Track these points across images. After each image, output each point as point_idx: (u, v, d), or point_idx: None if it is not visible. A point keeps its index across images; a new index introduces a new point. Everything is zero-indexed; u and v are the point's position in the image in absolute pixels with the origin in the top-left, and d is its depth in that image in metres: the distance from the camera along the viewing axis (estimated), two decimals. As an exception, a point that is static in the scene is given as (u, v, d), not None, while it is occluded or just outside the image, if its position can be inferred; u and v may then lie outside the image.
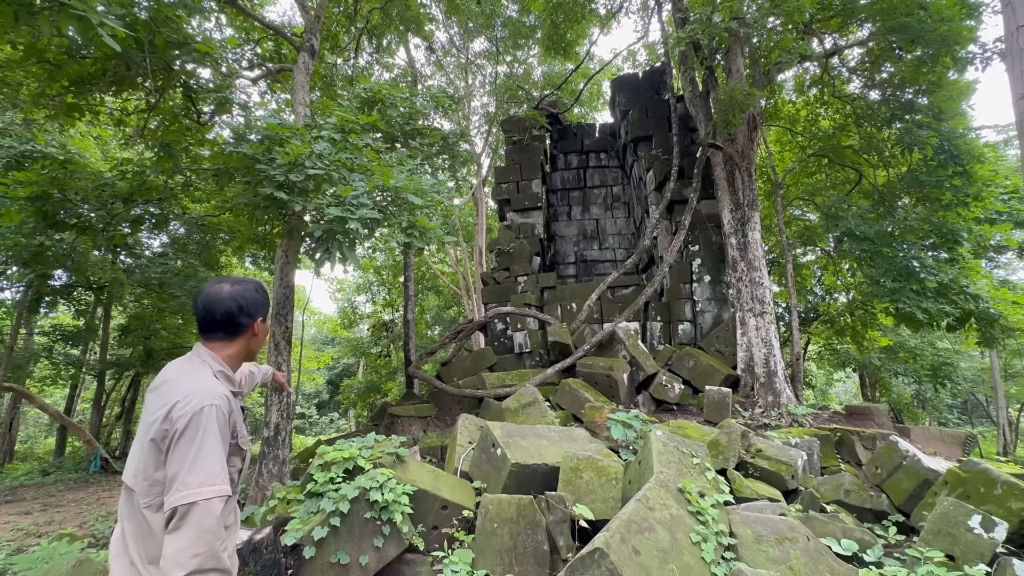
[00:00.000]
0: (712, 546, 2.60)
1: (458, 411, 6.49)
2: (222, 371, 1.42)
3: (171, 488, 1.18)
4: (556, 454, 3.63)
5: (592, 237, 11.28)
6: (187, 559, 1.11)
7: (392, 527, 2.96)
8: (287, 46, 9.01)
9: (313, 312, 27.18)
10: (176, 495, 1.16)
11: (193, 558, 1.12)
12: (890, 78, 7.92)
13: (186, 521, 1.14)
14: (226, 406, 1.32)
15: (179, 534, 1.14)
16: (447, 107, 8.22)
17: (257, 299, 1.49)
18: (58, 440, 14.35)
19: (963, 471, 3.61)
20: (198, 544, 1.13)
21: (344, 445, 3.44)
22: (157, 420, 1.24)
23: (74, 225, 6.39)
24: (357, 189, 4.04)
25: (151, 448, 1.24)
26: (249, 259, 13.78)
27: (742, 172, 7.38)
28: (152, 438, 1.24)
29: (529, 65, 17.26)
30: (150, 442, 1.24)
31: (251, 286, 1.51)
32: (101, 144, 11.44)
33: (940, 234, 7.30)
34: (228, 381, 1.43)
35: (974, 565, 2.28)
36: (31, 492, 9.48)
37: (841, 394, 25.57)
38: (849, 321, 10.96)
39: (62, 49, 4.56)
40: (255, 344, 1.53)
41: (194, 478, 1.18)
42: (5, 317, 12.70)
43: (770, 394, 6.38)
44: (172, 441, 1.21)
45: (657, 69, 10.89)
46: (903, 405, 14.75)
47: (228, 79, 5.80)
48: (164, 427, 1.23)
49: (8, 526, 6.27)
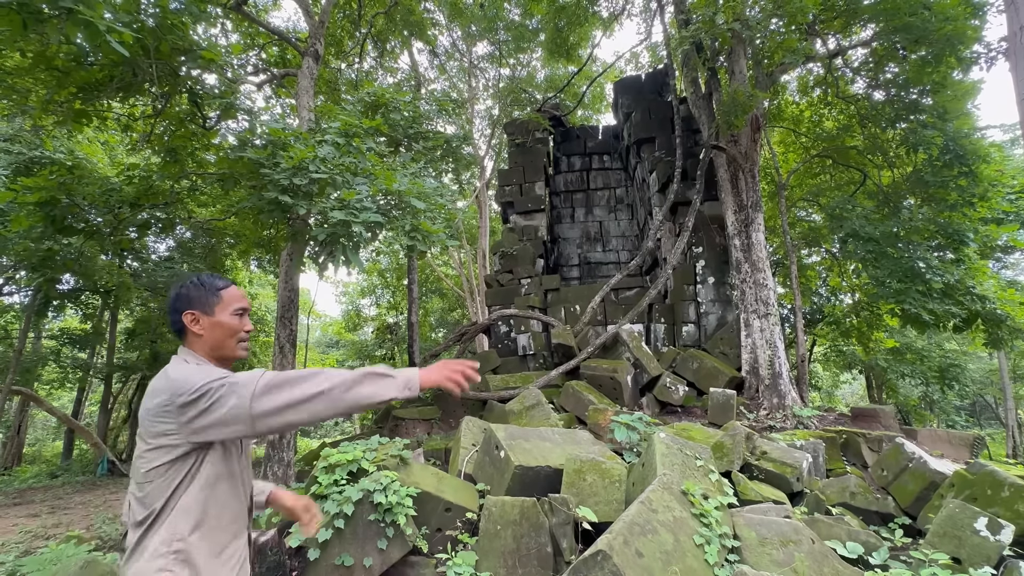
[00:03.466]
0: (715, 548, 2.59)
1: (462, 413, 6.50)
2: (199, 365, 1.37)
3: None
4: (559, 456, 3.63)
5: (595, 239, 11.28)
6: None
7: (396, 529, 2.97)
8: (291, 51, 9.09)
9: (318, 315, 27.31)
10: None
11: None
12: (894, 78, 7.90)
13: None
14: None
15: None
16: (450, 111, 8.26)
17: (187, 293, 1.42)
18: (66, 443, 14.45)
19: (970, 473, 3.58)
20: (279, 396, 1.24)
21: (348, 447, 3.46)
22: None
23: (82, 230, 6.44)
24: (360, 193, 4.07)
25: None
26: (254, 262, 13.86)
27: (745, 173, 7.37)
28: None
29: (532, 68, 17.32)
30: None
31: (189, 280, 1.46)
32: (108, 149, 11.56)
33: (946, 234, 7.26)
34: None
35: (980, 568, 2.27)
36: (39, 494, 9.55)
37: (848, 396, 25.39)
38: (855, 322, 10.90)
39: (70, 56, 4.62)
40: (204, 339, 1.40)
41: (240, 381, 1.24)
42: (14, 321, 12.82)
43: (775, 396, 6.35)
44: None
45: (660, 71, 10.90)
46: (910, 407, 14.63)
47: (233, 84, 5.85)
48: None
49: (16, 528, 6.32)
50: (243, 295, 1.50)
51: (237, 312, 1.45)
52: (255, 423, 1.20)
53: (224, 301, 1.44)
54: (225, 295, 1.44)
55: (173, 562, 1.20)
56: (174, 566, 1.20)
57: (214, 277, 1.49)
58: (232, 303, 1.45)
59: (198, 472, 1.26)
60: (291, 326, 5.87)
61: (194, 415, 1.21)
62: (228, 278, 1.55)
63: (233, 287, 1.49)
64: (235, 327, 1.44)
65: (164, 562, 1.19)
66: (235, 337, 1.44)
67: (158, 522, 1.23)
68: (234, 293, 1.47)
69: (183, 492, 1.25)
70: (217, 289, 1.44)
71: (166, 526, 1.22)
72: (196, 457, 1.26)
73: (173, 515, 1.23)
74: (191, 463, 1.25)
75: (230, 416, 1.20)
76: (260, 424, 1.21)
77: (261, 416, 1.20)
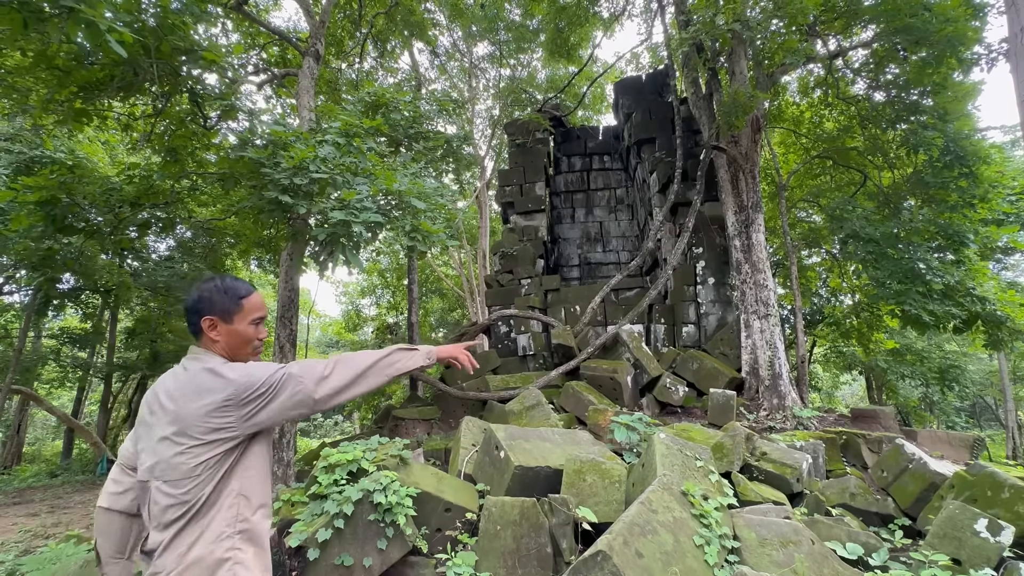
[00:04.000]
0: (715, 549, 2.59)
1: (462, 413, 6.50)
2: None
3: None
4: (559, 457, 3.63)
5: (596, 240, 11.28)
6: None
7: (396, 529, 2.97)
8: (292, 51, 9.10)
9: (318, 315, 27.32)
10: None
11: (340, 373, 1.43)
12: (895, 79, 7.90)
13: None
14: None
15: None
16: (451, 111, 8.26)
17: (209, 297, 1.43)
18: (65, 442, 14.45)
19: (970, 474, 3.58)
20: (321, 375, 1.42)
21: (348, 447, 3.46)
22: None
23: (82, 229, 6.45)
24: (361, 193, 4.07)
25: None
26: (254, 262, 13.87)
27: (746, 174, 7.37)
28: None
29: (533, 68, 17.32)
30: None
31: (213, 283, 1.46)
32: (109, 149, 11.57)
33: (946, 236, 7.26)
34: None
35: (980, 569, 2.27)
36: (39, 494, 9.55)
37: (848, 397, 25.39)
38: (855, 323, 10.91)
39: (71, 56, 4.62)
40: (220, 344, 1.43)
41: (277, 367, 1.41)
42: (14, 320, 12.82)
43: (775, 397, 6.35)
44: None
45: (660, 71, 10.90)
46: (910, 408, 14.63)
47: (234, 85, 5.85)
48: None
49: (16, 527, 6.32)
50: (262, 303, 1.53)
51: (255, 321, 1.49)
52: (316, 405, 1.36)
53: (244, 311, 1.47)
54: (246, 304, 1.48)
55: (240, 540, 1.29)
56: (242, 544, 1.29)
57: (237, 283, 1.50)
58: (252, 313, 1.48)
59: (242, 458, 1.34)
60: (291, 326, 5.87)
61: (256, 409, 1.31)
62: (249, 284, 1.55)
63: (255, 295, 1.51)
64: (251, 336, 1.48)
65: (231, 542, 1.27)
66: (250, 345, 1.49)
67: (203, 511, 1.27)
68: (254, 302, 1.50)
69: (231, 478, 1.31)
70: (239, 298, 1.47)
71: (225, 511, 1.29)
72: (244, 446, 1.34)
73: (231, 500, 1.30)
74: (238, 452, 1.33)
75: (292, 403, 1.33)
76: (320, 405, 1.37)
77: (323, 399, 1.36)
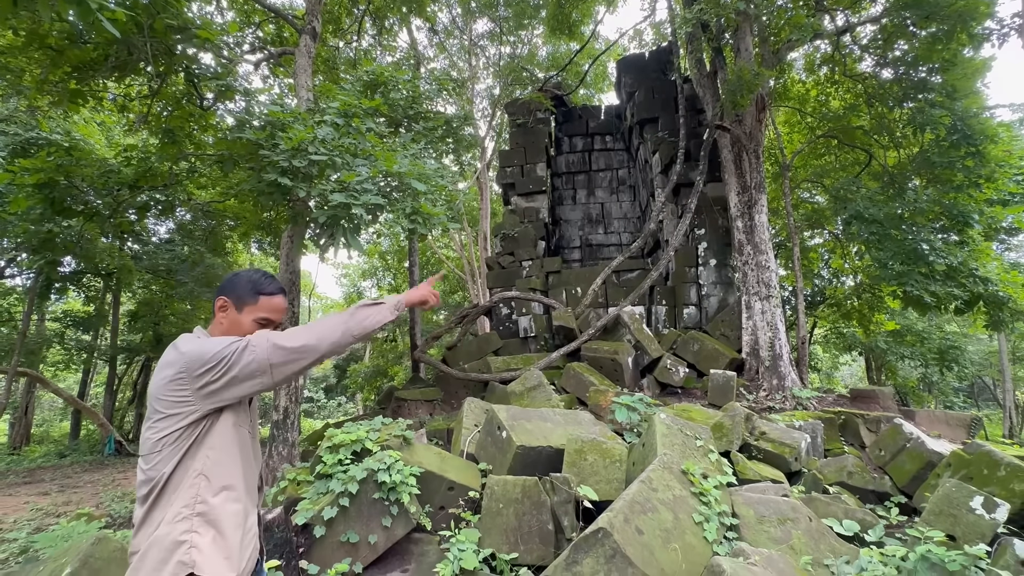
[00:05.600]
0: (714, 526, 2.64)
1: (464, 395, 6.56)
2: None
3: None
4: (561, 437, 3.67)
5: (597, 221, 11.22)
6: None
7: (400, 507, 3.02)
8: (288, 29, 8.92)
9: (319, 297, 27.37)
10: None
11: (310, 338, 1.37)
12: (903, 56, 7.74)
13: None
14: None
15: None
16: (450, 90, 8.13)
17: (235, 280, 1.49)
18: (73, 423, 14.65)
19: (967, 453, 3.62)
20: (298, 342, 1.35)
21: (352, 428, 3.50)
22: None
23: (81, 212, 6.44)
24: (361, 175, 4.03)
25: None
26: (255, 245, 13.83)
27: (749, 154, 7.29)
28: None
29: (534, 46, 17.00)
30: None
31: (249, 272, 1.53)
32: (105, 131, 11.43)
33: (950, 216, 7.20)
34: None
35: (974, 545, 2.31)
36: (48, 473, 9.71)
37: (847, 377, 25.54)
38: (856, 304, 10.90)
39: (63, 34, 4.54)
40: (223, 328, 1.47)
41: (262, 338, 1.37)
42: (16, 303, 12.87)
43: (775, 377, 6.38)
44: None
45: (664, 49, 10.70)
46: (909, 388, 14.73)
47: (230, 65, 5.75)
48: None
49: (27, 506, 6.44)
50: (279, 308, 1.51)
51: (262, 321, 1.48)
52: (275, 372, 1.30)
53: (258, 306, 1.47)
54: (263, 302, 1.48)
55: (199, 523, 1.24)
56: (200, 527, 1.24)
57: (268, 280, 1.51)
58: (263, 311, 1.48)
59: (205, 438, 1.31)
60: (293, 308, 5.88)
61: (210, 380, 1.27)
62: (280, 285, 1.55)
63: (277, 298, 1.51)
64: (249, 332, 1.45)
65: (189, 524, 1.23)
66: None
67: (167, 490, 1.26)
68: (272, 304, 1.49)
69: (192, 458, 1.28)
70: (258, 293, 1.48)
71: (184, 490, 1.26)
72: (205, 424, 1.31)
73: (191, 480, 1.27)
74: (200, 430, 1.30)
75: (248, 372, 1.28)
76: (279, 371, 1.30)
77: (280, 364, 1.30)
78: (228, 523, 1.29)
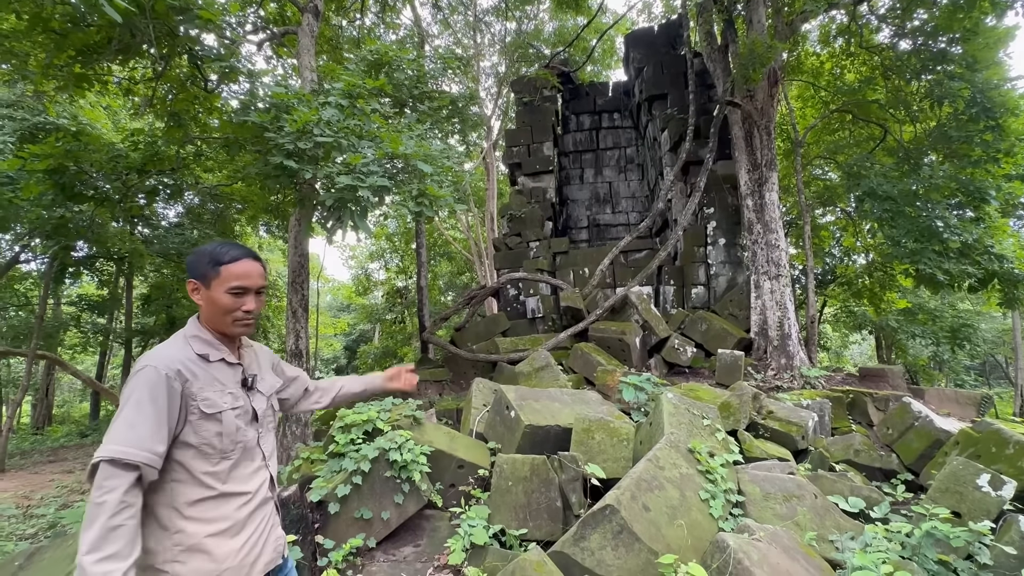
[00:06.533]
0: (720, 503, 2.68)
1: (472, 375, 6.63)
2: (195, 335, 1.39)
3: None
4: (569, 416, 3.71)
5: (605, 200, 11.11)
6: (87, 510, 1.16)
7: (411, 485, 3.09)
8: (291, 8, 8.77)
9: (327, 279, 27.53)
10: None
11: (87, 509, 1.16)
12: (922, 25, 7.49)
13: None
14: (167, 368, 1.26)
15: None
16: (456, 68, 8.01)
17: (195, 260, 1.40)
18: (92, 404, 15.04)
19: (975, 431, 3.62)
20: (91, 497, 1.17)
21: (363, 408, 3.56)
22: None
23: (91, 197, 6.48)
24: (366, 157, 4.02)
25: None
26: (263, 227, 13.90)
27: (761, 130, 7.14)
28: None
29: (540, 21, 16.63)
30: None
31: (204, 247, 1.42)
32: (111, 114, 11.44)
33: (967, 192, 7.05)
34: (204, 344, 1.38)
35: (979, 521, 2.33)
36: (71, 452, 10.02)
37: (856, 356, 25.45)
38: (867, 283, 10.78)
39: (66, 18, 4.51)
40: (203, 310, 1.40)
41: (105, 436, 1.21)
42: (33, 288, 13.10)
43: (783, 357, 6.38)
44: None
45: (673, 22, 10.41)
46: (919, 367, 14.65)
47: (232, 46, 5.70)
48: None
49: (53, 483, 6.68)
50: (248, 272, 1.39)
51: (235, 290, 1.37)
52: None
53: (222, 277, 1.36)
54: (224, 271, 1.36)
55: (180, 553, 1.31)
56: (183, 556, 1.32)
57: (224, 248, 1.40)
58: (230, 280, 1.36)
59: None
60: (303, 291, 5.94)
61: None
62: (246, 250, 1.43)
63: (241, 263, 1.39)
64: (228, 306, 1.37)
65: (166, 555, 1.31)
66: (229, 316, 1.38)
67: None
68: (236, 270, 1.37)
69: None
70: (219, 263, 1.36)
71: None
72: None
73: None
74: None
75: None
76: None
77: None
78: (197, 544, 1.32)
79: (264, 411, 1.49)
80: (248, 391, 1.45)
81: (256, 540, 1.38)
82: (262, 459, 1.46)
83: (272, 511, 1.48)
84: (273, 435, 1.56)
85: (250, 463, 1.41)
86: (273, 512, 1.49)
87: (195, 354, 1.36)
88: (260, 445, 1.46)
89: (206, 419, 1.32)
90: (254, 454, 1.43)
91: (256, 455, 1.44)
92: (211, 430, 1.32)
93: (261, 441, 1.46)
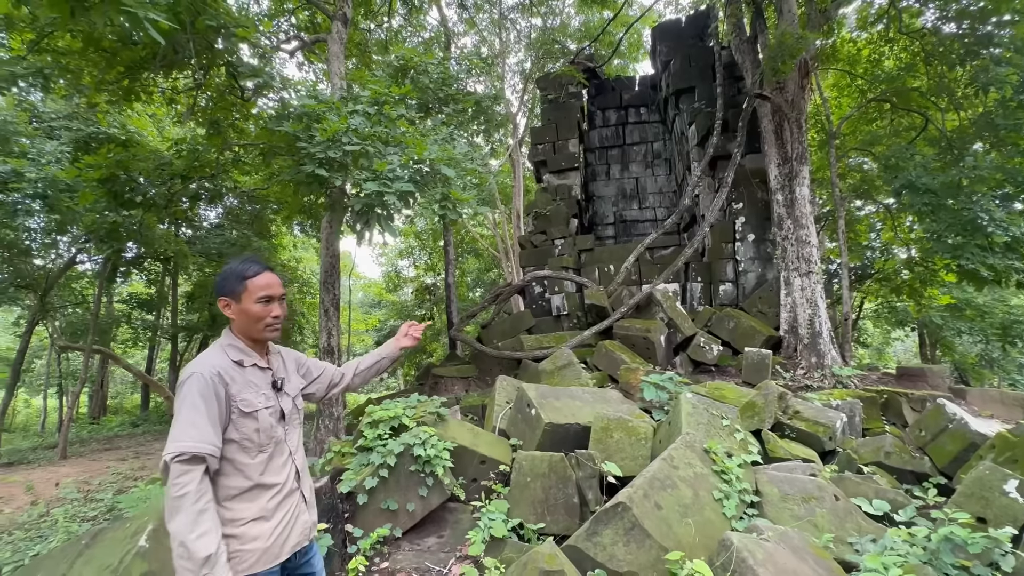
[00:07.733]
0: (734, 503, 2.70)
1: (498, 371, 6.75)
2: (230, 344, 1.58)
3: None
4: (588, 414, 3.78)
5: (631, 196, 11.03)
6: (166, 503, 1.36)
7: (435, 479, 3.23)
8: (321, 15, 9.05)
9: (359, 277, 28.25)
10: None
11: (167, 502, 1.35)
12: (967, 7, 7.12)
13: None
14: (211, 374, 1.45)
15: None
16: (480, 69, 8.10)
17: (222, 279, 1.57)
18: (143, 396, 15.96)
19: (1013, 435, 3.50)
20: (169, 492, 1.35)
21: (390, 405, 3.72)
22: None
23: (140, 203, 6.91)
24: (392, 163, 4.16)
25: None
26: (297, 227, 14.39)
27: (791, 123, 6.96)
28: None
29: (565, 16, 16.53)
30: None
31: (227, 266, 1.61)
32: (156, 122, 12.07)
33: (1015, 183, 6.70)
34: (239, 352, 1.56)
35: (1002, 528, 2.28)
36: (124, 441, 10.70)
37: (900, 353, 24.34)
38: (907, 278, 10.35)
39: (116, 37, 4.84)
40: (236, 323, 1.58)
41: (169, 437, 1.38)
42: (88, 287, 13.99)
43: (813, 355, 6.24)
44: None
45: (701, 13, 10.21)
46: (968, 365, 13.95)
47: (267, 55, 5.96)
48: None
49: (109, 470, 7.19)
50: (270, 283, 1.57)
51: (262, 299, 1.56)
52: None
53: (249, 290, 1.55)
54: (250, 284, 1.55)
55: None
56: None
57: (246, 264, 1.58)
58: (257, 292, 1.55)
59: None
60: (334, 290, 6.18)
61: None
62: (263, 264, 1.62)
63: (262, 276, 1.57)
64: (259, 314, 1.56)
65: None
66: (261, 323, 1.57)
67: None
68: (260, 282, 1.56)
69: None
70: (244, 278, 1.55)
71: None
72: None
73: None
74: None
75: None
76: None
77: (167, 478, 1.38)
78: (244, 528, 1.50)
79: (290, 410, 1.68)
80: (277, 392, 1.63)
81: (286, 525, 1.56)
82: (289, 453, 1.64)
83: (299, 499, 1.66)
84: (298, 432, 1.75)
85: (280, 456, 1.60)
86: (300, 500, 1.66)
87: (231, 361, 1.55)
88: (287, 441, 1.64)
89: (245, 417, 1.51)
90: (283, 448, 1.62)
91: (284, 449, 1.62)
92: (249, 427, 1.51)
93: (288, 437, 1.65)
